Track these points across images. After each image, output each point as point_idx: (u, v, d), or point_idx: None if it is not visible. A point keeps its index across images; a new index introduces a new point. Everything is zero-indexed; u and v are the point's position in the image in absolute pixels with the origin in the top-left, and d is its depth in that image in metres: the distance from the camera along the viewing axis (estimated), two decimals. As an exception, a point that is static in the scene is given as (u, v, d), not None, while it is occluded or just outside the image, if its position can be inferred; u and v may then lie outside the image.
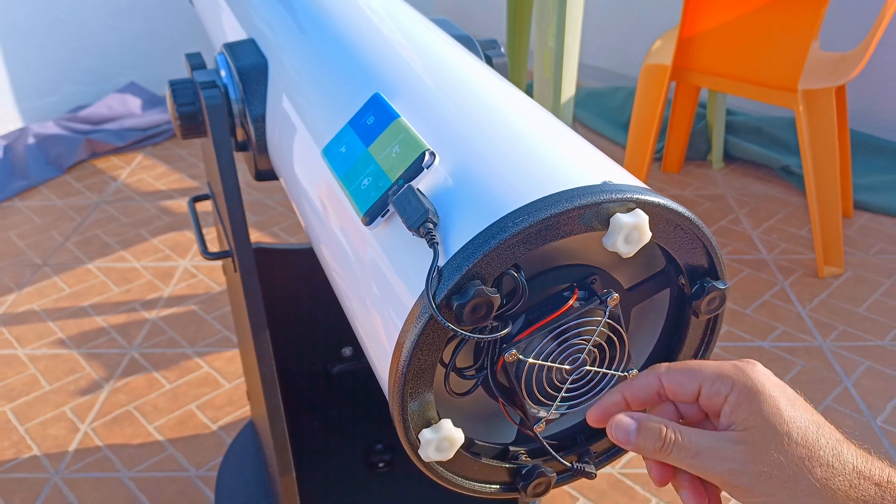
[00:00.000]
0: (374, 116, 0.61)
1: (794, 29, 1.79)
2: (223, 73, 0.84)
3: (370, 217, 0.56)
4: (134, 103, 2.92)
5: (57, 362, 1.76)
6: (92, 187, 2.54)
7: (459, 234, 0.50)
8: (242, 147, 0.87)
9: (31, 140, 2.68)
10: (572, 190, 0.50)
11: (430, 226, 0.51)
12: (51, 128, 2.75)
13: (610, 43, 3.04)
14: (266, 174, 0.86)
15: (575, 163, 0.55)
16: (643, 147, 2.10)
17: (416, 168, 0.55)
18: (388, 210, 0.55)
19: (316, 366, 1.39)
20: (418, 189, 0.53)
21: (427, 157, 0.55)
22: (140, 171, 2.64)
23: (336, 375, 1.39)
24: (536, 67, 1.74)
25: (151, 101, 2.97)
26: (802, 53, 1.79)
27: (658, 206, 0.52)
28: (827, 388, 1.63)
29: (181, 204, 2.41)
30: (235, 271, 0.91)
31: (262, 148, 0.83)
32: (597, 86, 3.02)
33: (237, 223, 0.88)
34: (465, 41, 0.85)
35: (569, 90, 1.73)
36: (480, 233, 0.49)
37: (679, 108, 2.41)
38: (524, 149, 0.56)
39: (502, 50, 0.90)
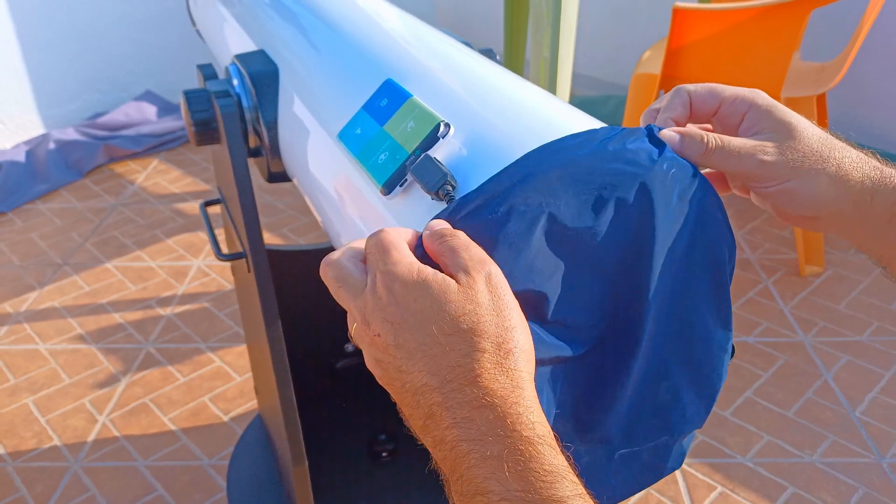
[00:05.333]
0: (388, 98, 0.60)
1: (777, 40, 1.79)
2: (235, 83, 0.84)
3: (388, 188, 0.55)
4: (149, 111, 2.92)
5: (76, 357, 1.76)
6: (110, 190, 2.54)
7: None
8: (254, 153, 0.87)
9: (52, 146, 2.68)
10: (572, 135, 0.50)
11: (450, 188, 0.49)
12: (71, 134, 2.75)
13: (602, 53, 3.04)
14: (278, 176, 0.86)
15: (575, 118, 0.55)
16: (633, 152, 2.09)
17: (432, 139, 0.54)
18: (407, 179, 0.54)
19: (321, 361, 1.39)
20: (435, 157, 0.52)
21: (442, 127, 0.54)
22: (155, 175, 2.64)
23: (340, 370, 1.39)
24: (532, 76, 1.74)
25: (166, 109, 2.97)
26: (785, 63, 1.79)
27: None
28: (808, 381, 1.63)
29: (194, 206, 2.41)
30: (249, 272, 0.91)
31: (275, 151, 0.83)
32: (590, 94, 3.02)
33: (251, 226, 0.87)
34: (465, 50, 0.85)
35: (563, 98, 1.73)
36: None
37: (667, 116, 2.40)
38: (529, 114, 0.56)
39: (499, 59, 0.90)
